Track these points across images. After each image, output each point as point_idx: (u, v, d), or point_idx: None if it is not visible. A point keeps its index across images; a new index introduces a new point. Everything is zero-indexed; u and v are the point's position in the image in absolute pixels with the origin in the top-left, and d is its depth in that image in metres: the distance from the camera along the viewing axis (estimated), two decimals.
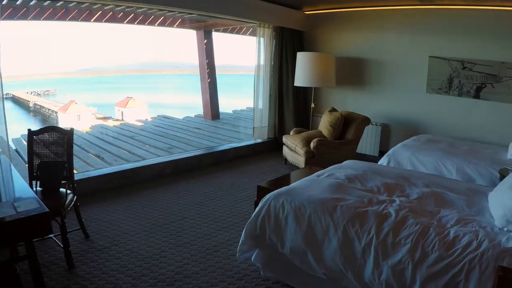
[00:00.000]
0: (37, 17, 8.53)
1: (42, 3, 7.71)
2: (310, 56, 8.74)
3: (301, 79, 8.78)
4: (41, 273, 3.29)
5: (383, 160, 6.64)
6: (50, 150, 4.53)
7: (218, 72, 13.42)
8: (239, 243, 3.98)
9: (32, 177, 4.46)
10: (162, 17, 10.45)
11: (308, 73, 8.64)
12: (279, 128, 9.61)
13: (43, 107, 22.27)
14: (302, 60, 8.75)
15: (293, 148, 7.74)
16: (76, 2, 7.55)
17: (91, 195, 6.07)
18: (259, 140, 9.49)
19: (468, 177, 5.95)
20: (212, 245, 4.73)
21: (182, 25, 11.44)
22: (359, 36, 9.18)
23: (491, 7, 7.52)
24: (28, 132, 4.47)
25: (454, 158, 6.26)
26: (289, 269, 3.82)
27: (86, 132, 12.68)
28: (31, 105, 23.04)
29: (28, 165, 4.50)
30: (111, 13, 9.30)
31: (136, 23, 10.10)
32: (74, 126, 11.22)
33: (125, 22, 9.85)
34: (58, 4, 8.08)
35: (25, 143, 5.18)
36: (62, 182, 4.51)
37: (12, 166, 4.14)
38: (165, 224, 5.27)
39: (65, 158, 4.50)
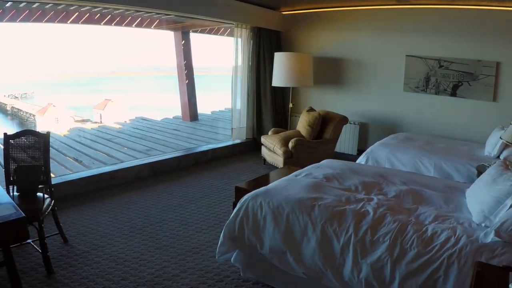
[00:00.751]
0: (13, 19, 8.43)
1: (18, 4, 7.62)
2: (287, 56, 8.76)
3: (278, 79, 8.78)
4: (19, 279, 3.26)
5: (361, 159, 6.67)
6: (27, 154, 4.47)
7: (197, 73, 13.39)
8: (218, 245, 3.97)
9: (8, 181, 4.39)
10: (140, 18, 10.39)
11: (285, 73, 8.65)
12: (257, 129, 9.61)
13: (21, 110, 22.04)
14: (280, 60, 8.75)
15: (272, 149, 7.75)
16: (52, 4, 7.49)
17: (69, 199, 6.00)
18: (238, 141, 9.47)
19: (445, 174, 6.01)
20: (191, 247, 4.71)
21: (160, 26, 11.39)
22: (337, 36, 9.22)
23: (467, 6, 7.61)
24: (4, 136, 4.41)
25: (431, 155, 6.32)
26: (269, 269, 3.81)
27: (64, 135, 12.56)
28: (8, 108, 22.79)
29: (5, 170, 4.45)
30: (88, 14, 9.23)
31: (113, 24, 10.02)
32: (52, 129, 11.14)
33: (102, 24, 9.77)
34: (34, 6, 8.01)
35: (1, 147, 5.13)
36: (39, 186, 4.46)
37: None
38: (144, 227, 5.23)
39: (42, 162, 4.47)
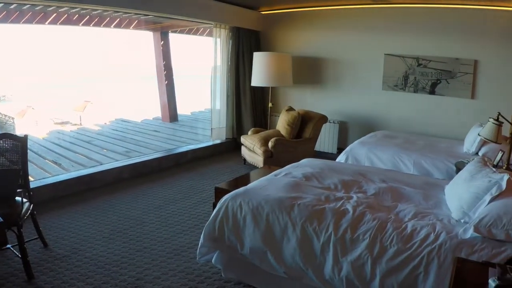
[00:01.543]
0: None
1: None
2: (266, 56, 8.74)
3: (258, 79, 8.77)
4: None
5: (341, 157, 6.69)
6: (5, 157, 4.43)
7: (176, 74, 13.33)
8: (198, 246, 3.96)
9: None
10: (118, 19, 10.30)
11: (265, 73, 8.64)
12: (237, 129, 9.60)
13: None
14: (259, 60, 8.74)
15: (252, 148, 7.74)
16: (30, 5, 7.42)
17: (49, 203, 5.93)
18: (218, 141, 9.44)
19: (425, 171, 6.05)
20: (172, 249, 4.69)
21: (138, 26, 11.32)
22: (316, 35, 9.23)
23: (444, 5, 7.68)
24: None
25: (410, 153, 6.36)
26: (250, 269, 3.80)
27: (43, 138, 12.46)
28: None
29: None
30: (66, 15, 9.15)
31: (91, 25, 9.93)
32: (32, 132, 11.03)
33: (80, 25, 9.68)
34: (12, 7, 7.93)
35: None
36: (18, 190, 4.41)
37: None
38: (124, 229, 5.19)
39: (20, 166, 4.42)
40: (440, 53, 7.89)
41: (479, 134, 5.48)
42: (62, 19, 9.22)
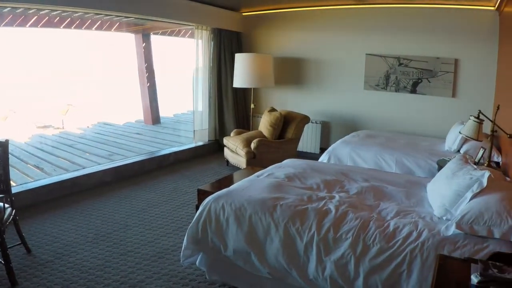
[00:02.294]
0: None
1: None
2: (248, 57, 8.75)
3: (240, 80, 8.77)
4: None
5: (324, 157, 6.70)
6: None
7: (158, 76, 13.28)
8: (182, 248, 3.95)
9: None
10: (99, 21, 10.24)
11: (246, 74, 8.64)
12: (219, 130, 9.57)
13: None
14: (241, 61, 8.74)
15: (234, 150, 7.74)
16: (10, 8, 7.36)
17: (31, 208, 5.86)
18: (200, 143, 9.41)
19: (407, 170, 6.08)
20: (156, 252, 4.67)
21: (120, 29, 11.28)
22: (297, 36, 9.26)
23: (425, 5, 7.75)
24: None
25: (393, 151, 6.39)
26: (234, 271, 3.79)
27: (25, 142, 12.35)
28: None
29: None
30: (47, 18, 9.08)
31: (73, 27, 9.86)
32: (14, 137, 10.92)
33: (61, 27, 9.61)
34: None
35: None
36: None
37: None
38: (108, 233, 5.15)
39: (1, 171, 4.37)
40: (421, 52, 7.95)
41: (460, 132, 5.51)
42: (43, 22, 9.16)
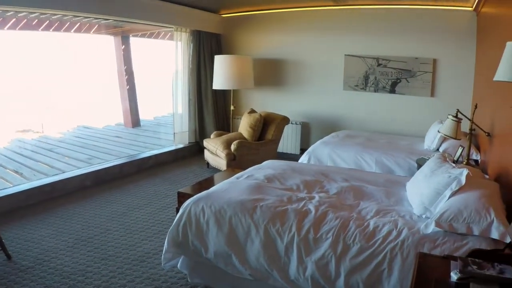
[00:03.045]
0: None
1: None
2: (227, 58, 8.75)
3: (219, 82, 8.77)
4: None
5: (304, 158, 6.71)
6: None
7: (139, 78, 13.21)
8: (163, 252, 3.93)
9: None
10: (78, 24, 10.18)
11: (226, 76, 8.64)
12: (199, 132, 9.56)
13: None
14: (220, 63, 8.73)
15: (214, 152, 7.72)
16: None
17: (10, 213, 5.80)
18: (180, 146, 9.38)
19: (387, 169, 6.13)
20: (137, 256, 4.64)
21: (99, 31, 11.21)
22: (276, 37, 9.28)
23: (403, 5, 7.82)
24: None
25: (372, 151, 6.44)
26: (216, 273, 3.78)
27: (4, 147, 12.23)
28: None
29: None
30: (25, 20, 9.00)
31: (51, 30, 9.78)
32: None
33: (40, 30, 9.53)
34: None
35: None
36: None
37: None
38: (88, 238, 5.10)
39: None
40: (399, 52, 8.03)
41: (439, 131, 5.57)
42: (21, 25, 9.07)
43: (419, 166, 5.06)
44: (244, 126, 8.07)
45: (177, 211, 4.19)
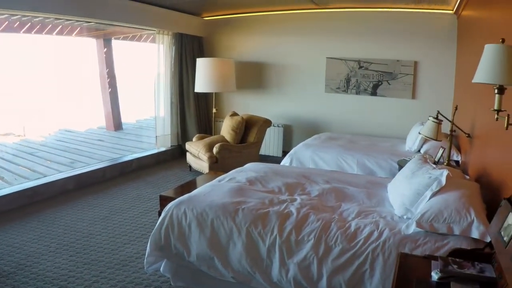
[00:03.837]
0: None
1: None
2: (209, 61, 8.74)
3: (201, 85, 8.75)
4: None
5: (286, 160, 6.73)
6: None
7: (121, 81, 13.15)
8: (145, 255, 3.92)
9: None
10: (60, 26, 10.11)
11: (208, 79, 8.63)
12: (182, 135, 9.54)
13: None
14: (202, 66, 8.72)
15: (197, 155, 7.71)
16: None
17: None
18: (163, 149, 9.35)
19: (369, 171, 6.16)
20: (120, 260, 4.61)
21: (81, 34, 11.14)
22: (259, 40, 9.30)
23: (385, 8, 7.87)
24: None
25: (354, 153, 6.48)
26: (198, 276, 3.77)
27: None
28: None
29: None
30: (6, 22, 8.94)
31: (33, 32, 9.72)
32: None
33: (21, 32, 9.47)
34: None
35: None
36: None
37: None
38: (71, 242, 5.05)
39: None
40: (381, 55, 8.09)
41: (419, 133, 5.62)
42: (2, 27, 9.01)
43: (400, 167, 5.10)
44: (226, 129, 8.07)
45: (159, 214, 4.19)
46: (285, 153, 8.06)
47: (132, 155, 8.96)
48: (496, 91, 2.64)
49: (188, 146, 8.11)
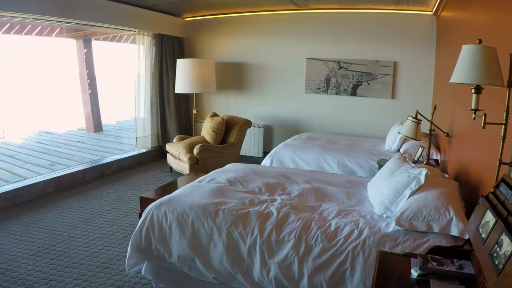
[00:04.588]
0: None
1: None
2: (190, 62, 8.72)
3: (182, 85, 8.73)
4: None
5: (266, 161, 6.74)
6: None
7: (101, 82, 13.06)
8: (126, 257, 3.90)
9: None
10: (40, 27, 10.03)
11: (188, 80, 8.62)
12: (162, 137, 9.51)
13: None
14: (182, 66, 8.70)
15: (177, 156, 7.70)
16: None
17: None
18: (143, 150, 9.30)
19: (349, 170, 6.20)
20: (101, 262, 4.58)
21: (61, 34, 11.06)
22: (239, 41, 9.31)
23: (364, 10, 7.93)
24: None
25: (334, 153, 6.50)
26: (180, 277, 3.76)
27: None
28: None
29: None
30: None
31: (12, 33, 9.64)
32: None
33: (1, 32, 9.39)
34: None
35: None
36: None
37: None
38: (51, 245, 5.01)
39: None
40: (361, 56, 8.14)
41: (399, 132, 5.66)
42: None
43: (380, 166, 5.14)
44: (206, 129, 8.06)
45: (140, 216, 4.18)
46: (265, 153, 8.08)
47: (112, 156, 8.90)
48: (473, 91, 2.67)
49: (168, 147, 8.09)
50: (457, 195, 3.48)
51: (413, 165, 3.99)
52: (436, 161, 5.95)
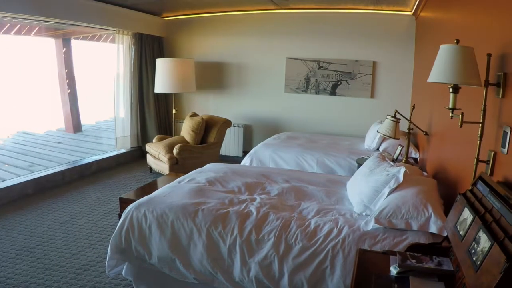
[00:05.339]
0: None
1: None
2: (169, 62, 8.69)
3: (161, 85, 8.70)
4: None
5: (246, 160, 6.75)
6: None
7: (80, 82, 12.97)
8: (107, 259, 3.89)
9: None
10: (18, 26, 9.93)
11: (168, 79, 8.59)
12: (142, 137, 9.46)
13: None
14: (162, 66, 8.68)
15: (157, 156, 7.67)
16: None
17: None
18: (123, 150, 9.25)
19: (328, 169, 6.23)
20: (82, 264, 4.55)
21: (39, 33, 10.96)
22: (219, 40, 9.29)
23: (344, 9, 7.98)
24: None
25: (314, 152, 6.53)
26: (161, 278, 3.75)
27: None
28: None
29: None
30: None
31: None
32: None
33: None
34: None
35: None
36: None
37: None
38: (31, 247, 4.96)
39: None
40: (340, 55, 8.19)
41: (378, 131, 5.70)
42: None
43: (359, 165, 5.17)
44: (186, 129, 8.05)
45: (120, 217, 4.16)
46: (245, 153, 8.10)
47: (92, 157, 8.83)
48: (450, 90, 2.70)
49: (148, 147, 8.07)
50: (436, 193, 3.52)
51: (392, 163, 4.03)
52: (415, 159, 6.00)
